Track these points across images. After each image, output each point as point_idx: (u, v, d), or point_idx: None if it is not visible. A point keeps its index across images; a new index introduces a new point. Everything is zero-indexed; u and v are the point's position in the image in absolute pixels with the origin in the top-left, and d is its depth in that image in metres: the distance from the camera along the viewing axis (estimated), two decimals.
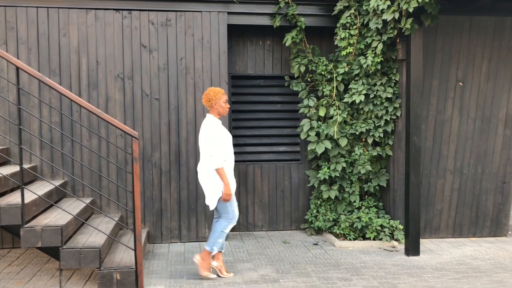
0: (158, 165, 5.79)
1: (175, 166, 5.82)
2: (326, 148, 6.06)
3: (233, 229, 6.40)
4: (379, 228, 5.72)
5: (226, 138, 4.51)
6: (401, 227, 5.74)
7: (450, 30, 5.77)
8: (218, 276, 4.62)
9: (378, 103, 5.87)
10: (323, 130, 6.01)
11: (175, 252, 5.51)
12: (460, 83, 5.88)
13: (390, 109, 5.81)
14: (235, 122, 6.40)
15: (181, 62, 5.78)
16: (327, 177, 6.03)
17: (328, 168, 6.09)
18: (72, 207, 4.99)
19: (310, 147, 6.07)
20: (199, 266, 4.57)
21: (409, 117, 5.34)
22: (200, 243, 5.85)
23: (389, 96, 5.77)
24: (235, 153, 6.41)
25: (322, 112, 6.05)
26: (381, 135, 5.89)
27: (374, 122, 5.95)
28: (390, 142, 5.95)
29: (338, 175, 6.04)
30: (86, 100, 5.62)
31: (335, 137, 5.97)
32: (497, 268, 4.98)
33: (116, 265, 4.31)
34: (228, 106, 4.62)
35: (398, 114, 5.78)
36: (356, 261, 5.15)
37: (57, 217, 4.48)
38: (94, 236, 4.59)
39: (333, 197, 6.05)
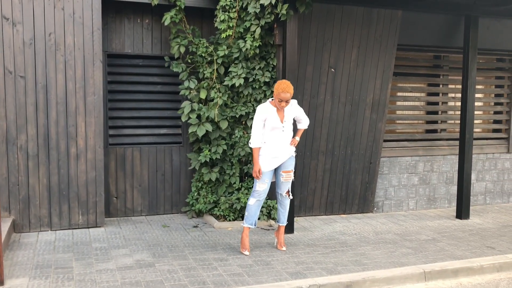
0: (25, 148, 5.36)
1: (44, 149, 5.42)
2: (207, 131, 6.06)
3: (110, 215, 6.17)
4: None
5: (271, 123, 4.78)
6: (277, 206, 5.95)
7: (324, 18, 6.04)
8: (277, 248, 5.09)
9: (257, 86, 5.99)
10: (204, 113, 5.99)
11: (45, 240, 5.17)
12: (332, 69, 6.21)
13: (268, 93, 5.96)
14: (112, 103, 6.12)
15: (50, 37, 5.36)
16: (208, 160, 6.04)
17: (209, 150, 6.11)
18: None
19: (191, 129, 6.03)
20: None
21: None
22: (73, 231, 5.55)
23: (267, 80, 5.92)
24: (111, 135, 6.15)
25: (203, 95, 6.03)
26: None
27: (253, 105, 6.06)
28: None
29: (219, 157, 6.09)
30: None
31: (216, 119, 5.99)
32: (361, 242, 5.40)
33: None
34: (281, 104, 4.73)
35: None
36: (233, 241, 5.26)
37: None
38: None
39: (214, 180, 6.09)
